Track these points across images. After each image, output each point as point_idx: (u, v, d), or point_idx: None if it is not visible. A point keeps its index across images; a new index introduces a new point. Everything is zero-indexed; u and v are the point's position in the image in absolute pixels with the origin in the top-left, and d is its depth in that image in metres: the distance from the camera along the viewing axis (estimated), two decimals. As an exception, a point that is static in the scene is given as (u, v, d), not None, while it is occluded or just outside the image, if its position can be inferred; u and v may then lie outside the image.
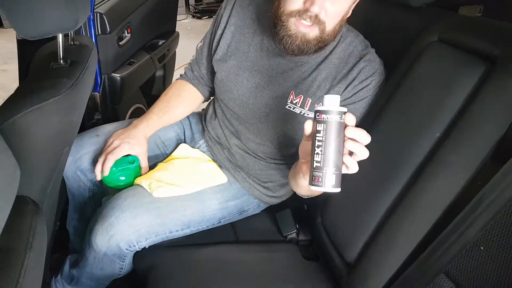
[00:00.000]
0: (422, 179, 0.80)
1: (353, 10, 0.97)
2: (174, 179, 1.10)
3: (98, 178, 1.10)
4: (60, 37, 0.84)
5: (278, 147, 1.11)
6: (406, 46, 0.99)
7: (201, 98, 1.30)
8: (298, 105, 1.02)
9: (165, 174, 1.12)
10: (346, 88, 0.99)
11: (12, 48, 1.39)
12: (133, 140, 1.12)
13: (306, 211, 1.19)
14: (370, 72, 0.98)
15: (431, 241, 0.75)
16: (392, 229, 0.83)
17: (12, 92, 0.78)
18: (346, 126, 0.69)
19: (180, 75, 1.31)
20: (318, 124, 0.70)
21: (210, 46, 1.18)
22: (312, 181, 0.71)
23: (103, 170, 1.08)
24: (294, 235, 1.13)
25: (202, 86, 1.27)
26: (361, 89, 0.98)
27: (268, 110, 1.06)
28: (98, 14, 1.40)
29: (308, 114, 1.01)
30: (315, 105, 1.01)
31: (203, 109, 1.36)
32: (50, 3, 0.74)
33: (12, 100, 0.73)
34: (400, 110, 0.92)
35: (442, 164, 0.78)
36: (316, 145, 0.70)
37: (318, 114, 0.70)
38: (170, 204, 1.05)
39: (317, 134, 0.70)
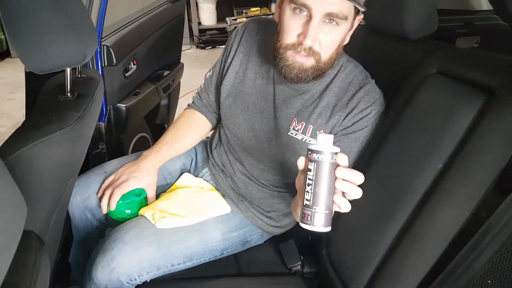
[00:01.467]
0: (427, 210, 0.80)
1: (351, 41, 0.99)
2: (178, 209, 1.10)
3: (104, 212, 1.11)
4: (68, 70, 0.86)
5: (281, 174, 1.11)
6: (405, 77, 1.01)
7: (210, 125, 1.31)
8: (300, 132, 1.03)
9: (168, 204, 1.12)
10: (346, 117, 1.00)
11: (19, 77, 1.41)
12: (141, 173, 1.13)
13: (311, 242, 1.18)
14: (370, 102, 0.99)
15: (438, 274, 0.74)
16: (398, 261, 0.83)
17: (18, 120, 0.79)
18: (337, 166, 0.69)
19: (188, 105, 1.33)
20: (309, 163, 0.70)
21: (219, 74, 1.20)
22: (302, 218, 0.71)
23: (110, 204, 1.08)
24: (298, 267, 1.12)
25: (210, 113, 1.29)
26: (361, 118, 0.99)
27: (272, 136, 1.07)
28: (105, 47, 1.44)
29: (309, 141, 1.02)
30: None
31: (208, 137, 1.38)
32: (59, 39, 0.76)
33: (19, 132, 0.75)
34: (401, 141, 0.93)
35: (446, 195, 0.78)
36: (306, 183, 0.70)
37: (309, 152, 0.70)
38: (172, 235, 1.05)
39: (308, 173, 0.70)
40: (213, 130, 1.35)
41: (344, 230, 0.95)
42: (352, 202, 0.72)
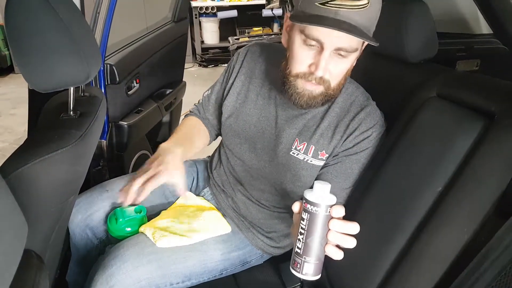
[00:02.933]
0: (426, 232, 0.80)
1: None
2: (178, 228, 1.10)
3: (127, 203, 1.01)
4: (71, 89, 0.87)
5: (281, 194, 1.11)
6: (405, 100, 1.02)
7: (209, 137, 1.29)
8: (302, 152, 1.03)
9: (169, 223, 1.12)
10: (347, 138, 1.00)
11: (21, 92, 1.43)
12: (170, 166, 1.04)
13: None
14: (371, 124, 1.00)
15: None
16: (397, 283, 0.82)
17: (20, 135, 0.80)
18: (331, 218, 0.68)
19: (190, 111, 1.31)
20: (303, 212, 0.69)
21: (220, 94, 1.21)
22: (292, 264, 0.71)
23: (140, 196, 1.00)
24: (298, 288, 1.11)
25: (209, 127, 1.29)
26: (363, 140, 1.00)
27: (273, 155, 1.08)
28: (108, 65, 1.45)
29: (311, 161, 1.03)
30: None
31: (209, 156, 1.38)
32: (63, 58, 0.77)
33: (21, 150, 0.75)
34: (401, 163, 0.93)
35: (445, 218, 0.78)
36: (299, 231, 0.69)
37: (304, 202, 0.69)
38: (172, 255, 1.04)
39: (301, 221, 0.69)
40: (211, 148, 1.35)
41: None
42: None
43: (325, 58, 0.88)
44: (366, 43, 0.95)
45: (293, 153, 1.04)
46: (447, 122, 0.88)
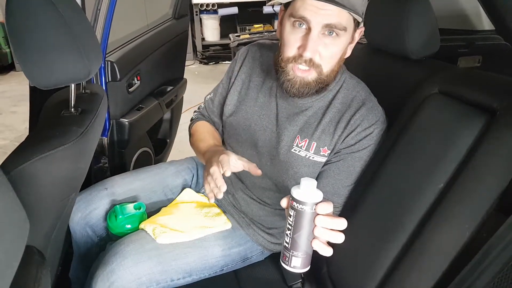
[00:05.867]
0: (427, 229, 0.80)
1: (353, 60, 1.00)
2: (178, 224, 1.10)
3: (219, 197, 0.91)
4: (72, 86, 0.87)
5: (283, 191, 1.11)
6: (407, 96, 1.02)
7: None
8: (304, 149, 1.03)
9: (169, 219, 1.12)
10: (349, 135, 1.00)
11: (22, 90, 1.43)
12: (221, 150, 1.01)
13: (311, 260, 1.17)
14: (373, 120, 1.00)
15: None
16: (399, 281, 0.82)
17: (21, 133, 0.80)
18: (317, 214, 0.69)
19: (193, 118, 1.30)
20: (290, 208, 0.70)
21: (224, 95, 1.21)
22: (282, 257, 0.73)
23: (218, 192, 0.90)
24: (299, 285, 1.11)
25: (217, 128, 1.27)
26: (365, 137, 1.00)
27: (274, 153, 1.07)
28: (109, 62, 1.45)
29: (313, 158, 1.03)
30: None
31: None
32: (64, 55, 0.78)
33: (22, 147, 0.75)
34: (402, 160, 0.93)
35: (447, 215, 0.78)
36: (286, 226, 0.70)
37: (291, 199, 0.70)
38: (172, 251, 1.05)
39: (288, 218, 0.70)
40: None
41: (345, 249, 0.94)
42: (353, 221, 0.72)
43: (313, 39, 0.88)
44: (358, 31, 0.96)
45: (294, 150, 1.04)
46: (448, 118, 0.88)
